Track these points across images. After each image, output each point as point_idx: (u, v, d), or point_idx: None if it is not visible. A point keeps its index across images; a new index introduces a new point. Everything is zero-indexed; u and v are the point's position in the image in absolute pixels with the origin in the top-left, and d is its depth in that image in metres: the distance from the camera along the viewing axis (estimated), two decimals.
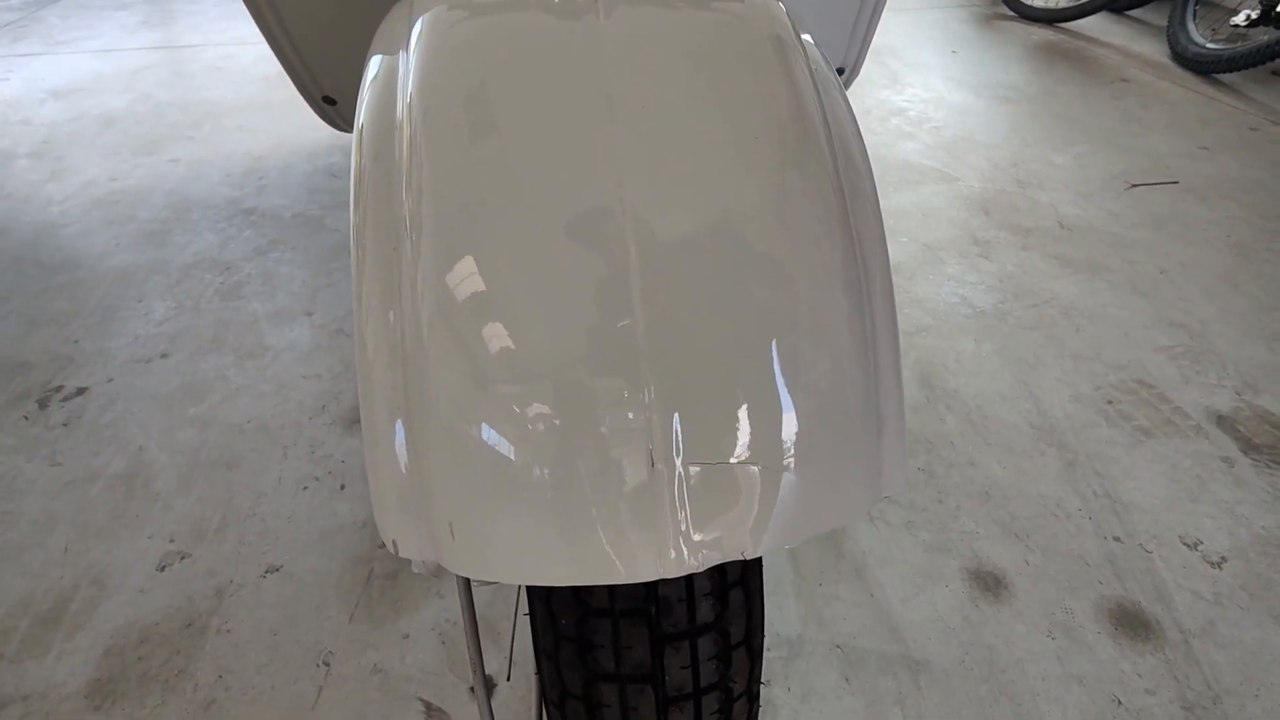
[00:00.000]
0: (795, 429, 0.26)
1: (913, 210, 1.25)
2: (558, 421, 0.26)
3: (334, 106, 0.66)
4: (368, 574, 0.67)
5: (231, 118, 1.58)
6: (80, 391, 0.86)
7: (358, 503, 0.73)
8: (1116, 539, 0.71)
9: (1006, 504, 0.74)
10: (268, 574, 0.66)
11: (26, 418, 0.83)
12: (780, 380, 0.26)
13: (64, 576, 0.66)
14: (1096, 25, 2.26)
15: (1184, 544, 0.70)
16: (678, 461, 0.25)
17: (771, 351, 0.27)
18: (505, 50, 0.32)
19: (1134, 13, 2.41)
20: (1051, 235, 1.18)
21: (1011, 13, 2.37)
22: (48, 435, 0.81)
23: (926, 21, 2.30)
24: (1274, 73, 1.87)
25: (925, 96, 1.72)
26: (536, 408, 0.26)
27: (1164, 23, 2.11)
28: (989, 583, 0.67)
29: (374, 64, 0.36)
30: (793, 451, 0.26)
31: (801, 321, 0.27)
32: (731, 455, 0.25)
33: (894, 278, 1.04)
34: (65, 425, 0.82)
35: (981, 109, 1.66)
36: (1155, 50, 2.04)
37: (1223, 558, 0.69)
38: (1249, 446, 0.80)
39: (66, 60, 1.91)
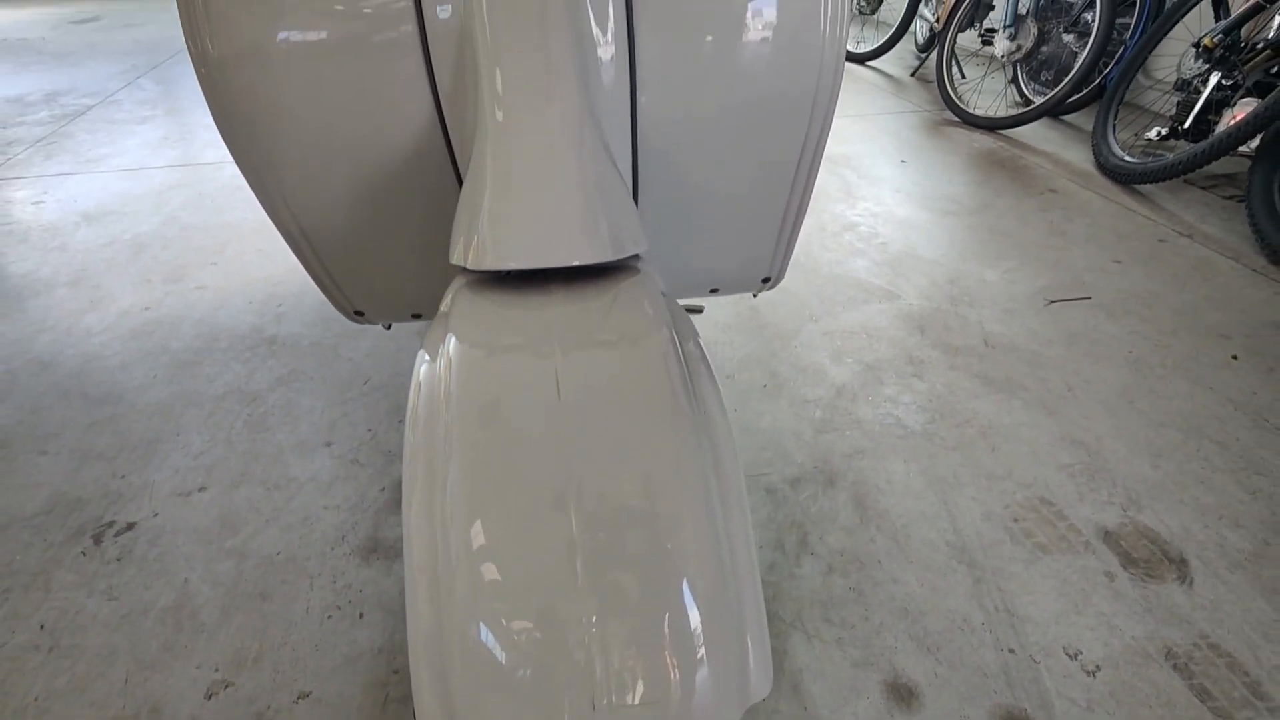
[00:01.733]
0: (684, 665, 0.41)
1: (859, 330, 1.42)
2: (536, 635, 0.40)
3: (363, 316, 0.82)
4: (384, 697, 0.79)
5: (251, 240, 1.75)
6: (130, 526, 1.00)
7: (375, 630, 0.86)
8: (1011, 650, 0.85)
9: (922, 619, 0.88)
10: (299, 700, 0.79)
11: (84, 554, 0.96)
12: (669, 624, 0.41)
13: (125, 706, 0.79)
14: (1032, 131, 2.51)
15: (1066, 654, 0.84)
16: (609, 701, 0.39)
17: (667, 597, 0.41)
18: (504, 374, 0.47)
19: (1068, 117, 2.66)
20: (977, 354, 1.35)
21: (957, 118, 2.61)
22: (104, 570, 0.94)
23: (880, 128, 2.54)
24: (1186, 181, 2.09)
25: (875, 210, 1.92)
26: (518, 623, 0.40)
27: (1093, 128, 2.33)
28: (903, 694, 0.80)
29: (424, 358, 0.51)
30: (685, 685, 0.40)
31: (688, 572, 0.42)
32: (638, 696, 0.39)
33: (841, 400, 1.21)
34: (119, 560, 0.95)
35: (925, 223, 1.85)
36: (1083, 158, 2.27)
37: (1097, 666, 0.83)
38: (1128, 561, 0.95)
39: (97, 180, 2.09)
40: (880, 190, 2.05)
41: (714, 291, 0.83)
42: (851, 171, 2.16)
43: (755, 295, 0.87)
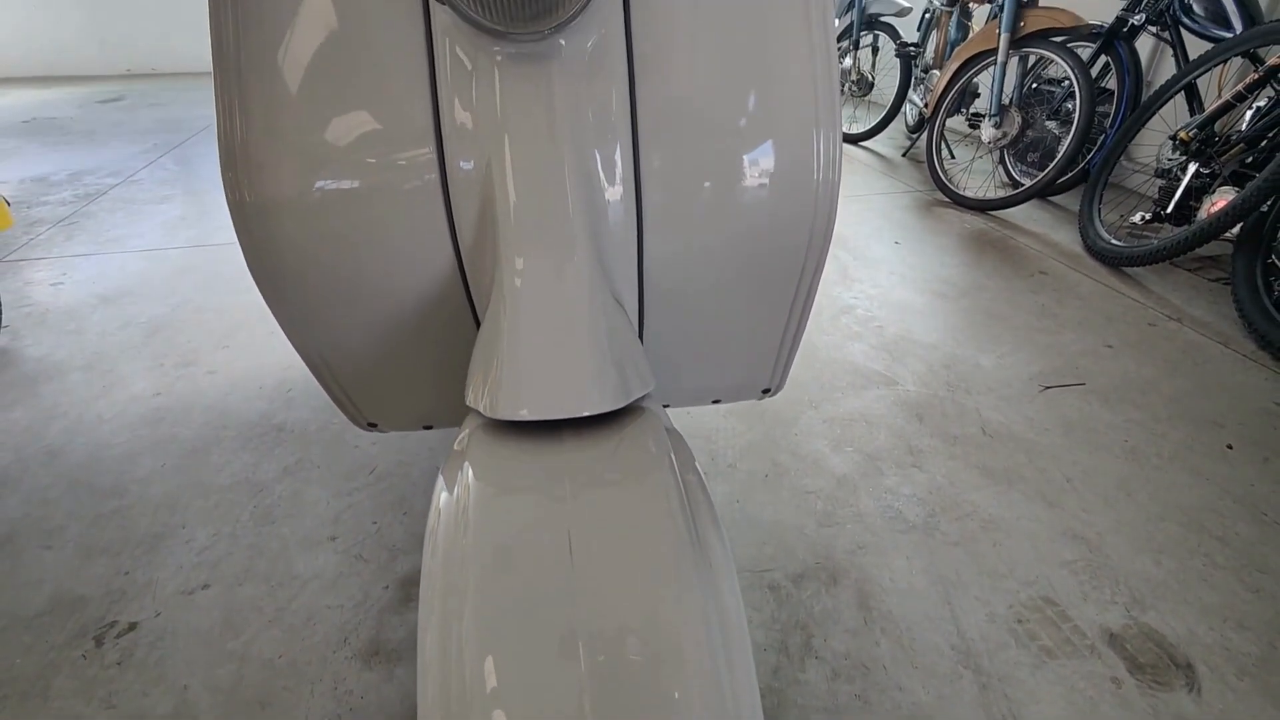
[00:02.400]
0: None
1: (858, 418, 1.44)
2: None
3: (375, 427, 0.84)
4: None
5: (262, 324, 1.79)
6: (131, 627, 1.00)
7: None
8: None
9: None
10: None
11: (84, 657, 0.95)
12: None
13: None
14: (1021, 211, 2.59)
15: None
16: None
17: None
18: (519, 515, 0.49)
19: (1056, 198, 2.75)
20: (975, 443, 1.37)
21: (948, 199, 2.70)
22: (103, 675, 0.93)
23: (874, 209, 2.62)
24: (1172, 264, 2.15)
25: (872, 293, 1.97)
26: None
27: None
28: None
29: (442, 486, 0.53)
30: None
31: (691, 714, 0.43)
32: None
33: (842, 491, 1.22)
34: (119, 664, 0.94)
35: (921, 306, 1.90)
36: (1071, 239, 2.34)
37: None
38: (1135, 666, 0.95)
39: (115, 261, 2.15)
40: (875, 272, 2.10)
41: (715, 401, 0.85)
42: (847, 253, 2.22)
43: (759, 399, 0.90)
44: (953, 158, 3.06)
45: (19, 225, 2.43)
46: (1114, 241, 2.14)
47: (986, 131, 2.60)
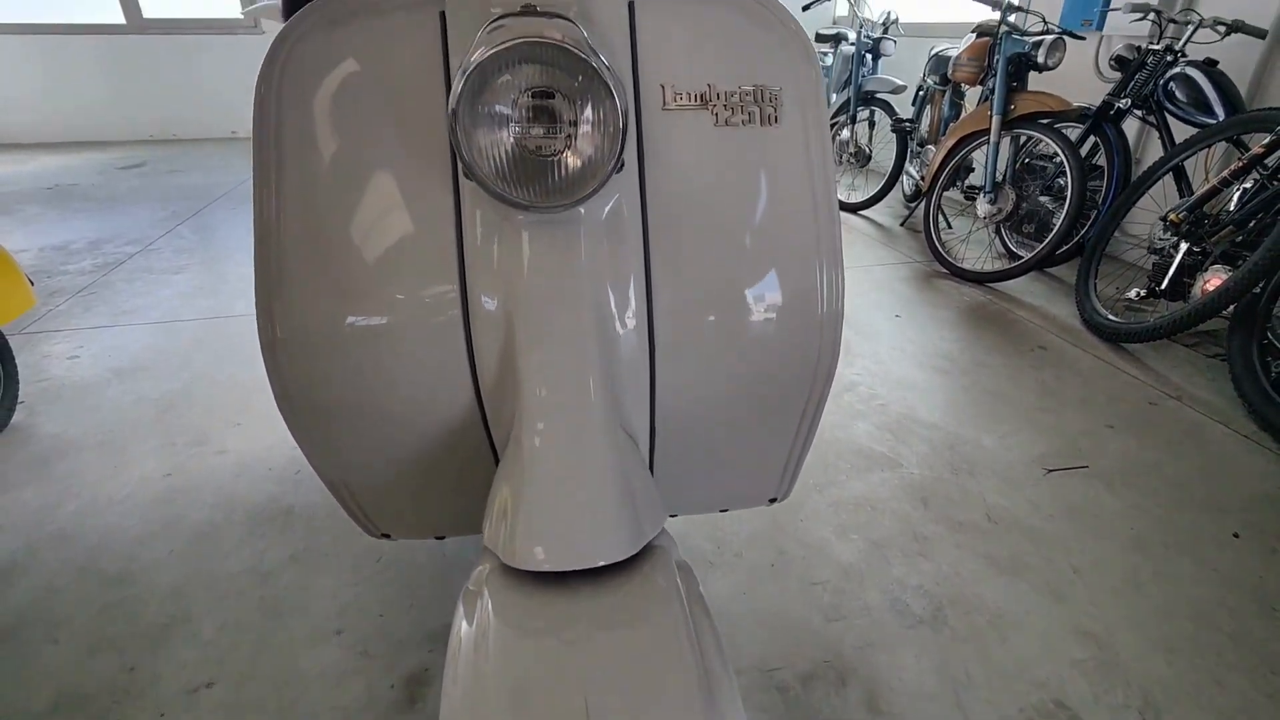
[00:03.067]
0: None
1: (864, 503, 1.45)
2: None
3: (388, 538, 0.86)
4: None
5: (273, 401, 1.81)
6: None
7: None
8: None
9: None
10: None
11: None
12: None
13: None
14: (1019, 283, 2.64)
15: None
16: None
17: None
18: (535, 657, 0.50)
19: (1053, 269, 2.81)
20: (981, 530, 1.37)
21: (946, 271, 2.76)
22: None
23: (874, 281, 2.68)
24: (1170, 339, 2.18)
25: (874, 369, 2.00)
26: None
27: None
28: None
29: (461, 614, 0.54)
30: None
31: None
32: None
33: (849, 583, 1.22)
34: None
35: (922, 383, 1.92)
36: (1069, 313, 2.38)
37: None
38: None
39: (131, 333, 2.19)
40: (877, 347, 2.14)
41: (722, 510, 0.87)
42: (849, 328, 2.26)
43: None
44: (950, 227, 3.13)
45: (39, 296, 2.49)
46: (1111, 317, 2.17)
47: (982, 207, 2.67)
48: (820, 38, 4.04)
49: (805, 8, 3.64)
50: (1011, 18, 2.52)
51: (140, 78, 5.53)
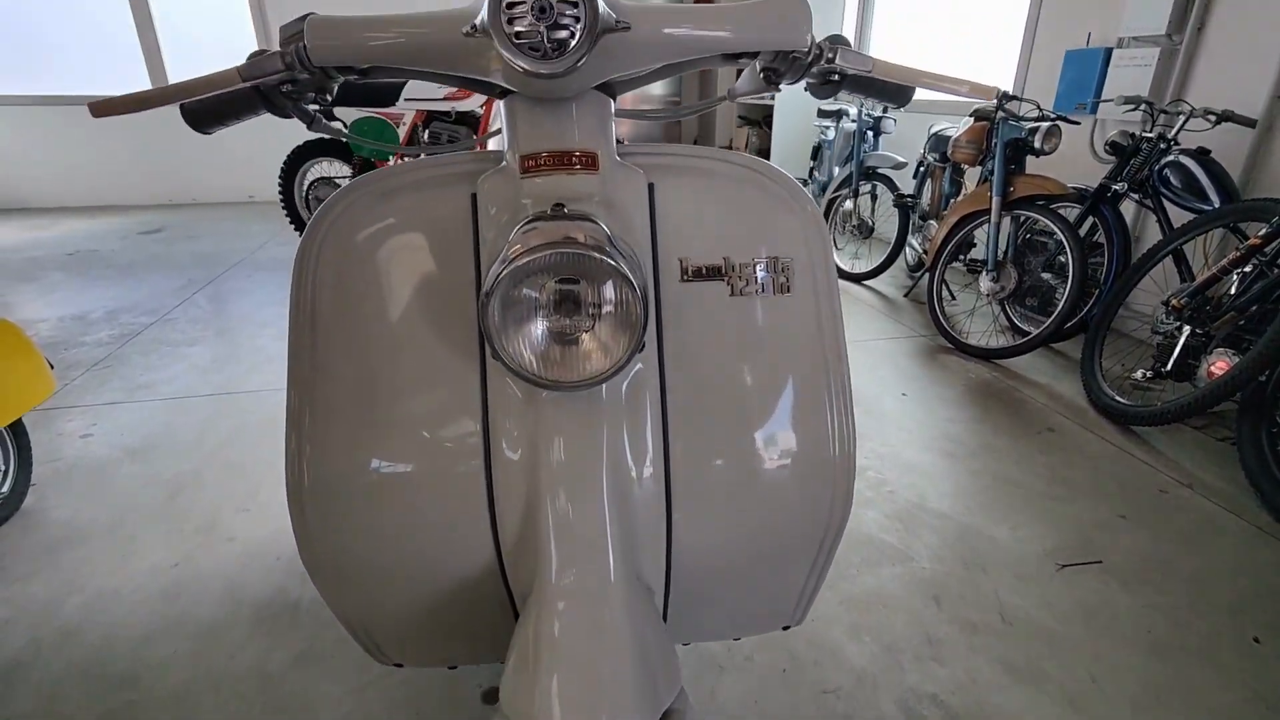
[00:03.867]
0: None
1: (875, 600, 1.43)
2: None
3: (400, 667, 0.85)
4: None
5: (282, 486, 1.82)
6: None
7: None
8: None
9: None
10: None
11: None
12: None
13: None
14: (1025, 360, 2.66)
15: None
16: None
17: None
18: None
19: (1058, 344, 2.83)
20: (995, 631, 1.35)
21: (951, 345, 2.78)
22: None
23: (880, 356, 2.70)
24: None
25: (882, 452, 2.00)
26: None
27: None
28: None
29: None
30: None
31: None
32: None
33: (862, 690, 1.19)
34: None
35: (930, 468, 1.92)
36: (1075, 391, 2.38)
37: None
38: None
39: (145, 410, 2.22)
40: (884, 427, 2.14)
41: (735, 638, 0.86)
42: (856, 406, 2.27)
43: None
44: (954, 299, 3.17)
45: (57, 369, 2.53)
46: (1119, 399, 2.18)
47: (985, 284, 2.71)
48: (823, 113, 4.18)
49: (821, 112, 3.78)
50: (1009, 105, 2.61)
51: (161, 143, 5.73)
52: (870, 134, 3.66)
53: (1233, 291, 2.03)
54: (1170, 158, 2.32)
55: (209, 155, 5.83)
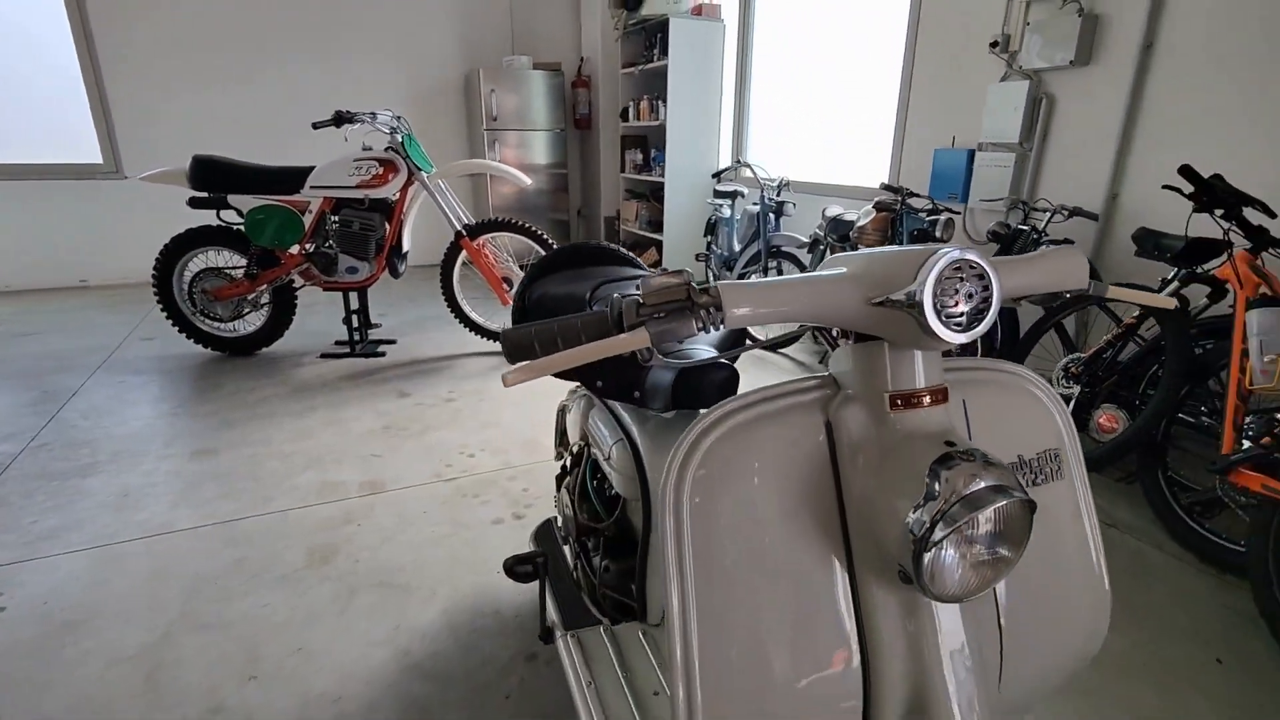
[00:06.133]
0: None
1: None
2: None
3: None
4: None
5: (290, 633, 1.62)
6: None
7: None
8: None
9: None
10: None
11: None
12: None
13: None
14: None
15: None
16: None
17: None
18: None
19: None
20: None
21: None
22: None
23: None
24: None
25: None
26: None
27: None
28: None
29: None
30: None
31: None
32: None
33: None
34: None
35: None
36: None
37: None
38: None
39: (60, 569, 1.87)
40: None
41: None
42: None
43: None
44: None
45: None
46: None
47: None
48: (719, 193, 4.52)
49: (715, 175, 4.08)
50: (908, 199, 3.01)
51: None
52: (772, 215, 4.02)
53: (1108, 357, 2.48)
54: (1042, 245, 2.81)
55: (36, 238, 5.03)
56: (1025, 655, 0.75)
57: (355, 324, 3.81)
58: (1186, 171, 2.05)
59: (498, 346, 3.92)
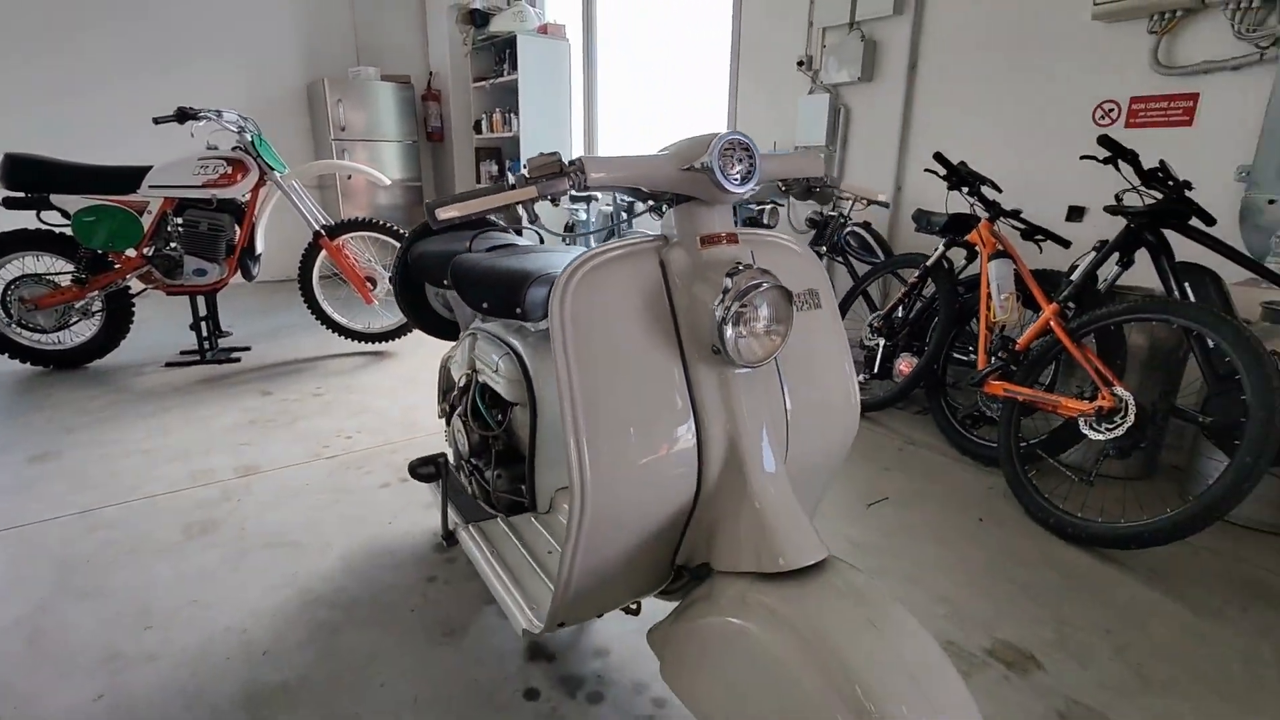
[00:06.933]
0: None
1: None
2: None
3: (563, 627, 1.04)
4: None
5: (182, 589, 1.64)
6: None
7: None
8: None
9: None
10: None
11: None
12: None
13: None
14: None
15: None
16: None
17: None
18: None
19: None
20: (845, 552, 1.90)
21: None
22: None
23: None
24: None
25: None
26: None
27: None
28: None
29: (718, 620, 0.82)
30: None
31: None
32: None
33: None
34: None
35: None
36: None
37: None
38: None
39: None
40: None
41: None
42: None
43: None
44: None
45: None
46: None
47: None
48: (574, 198, 4.81)
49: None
50: None
51: None
52: (624, 214, 4.37)
53: (901, 315, 3.03)
54: (848, 229, 3.36)
55: None
56: (802, 437, 1.06)
57: (205, 331, 3.65)
58: (939, 157, 2.62)
59: (364, 346, 3.92)
